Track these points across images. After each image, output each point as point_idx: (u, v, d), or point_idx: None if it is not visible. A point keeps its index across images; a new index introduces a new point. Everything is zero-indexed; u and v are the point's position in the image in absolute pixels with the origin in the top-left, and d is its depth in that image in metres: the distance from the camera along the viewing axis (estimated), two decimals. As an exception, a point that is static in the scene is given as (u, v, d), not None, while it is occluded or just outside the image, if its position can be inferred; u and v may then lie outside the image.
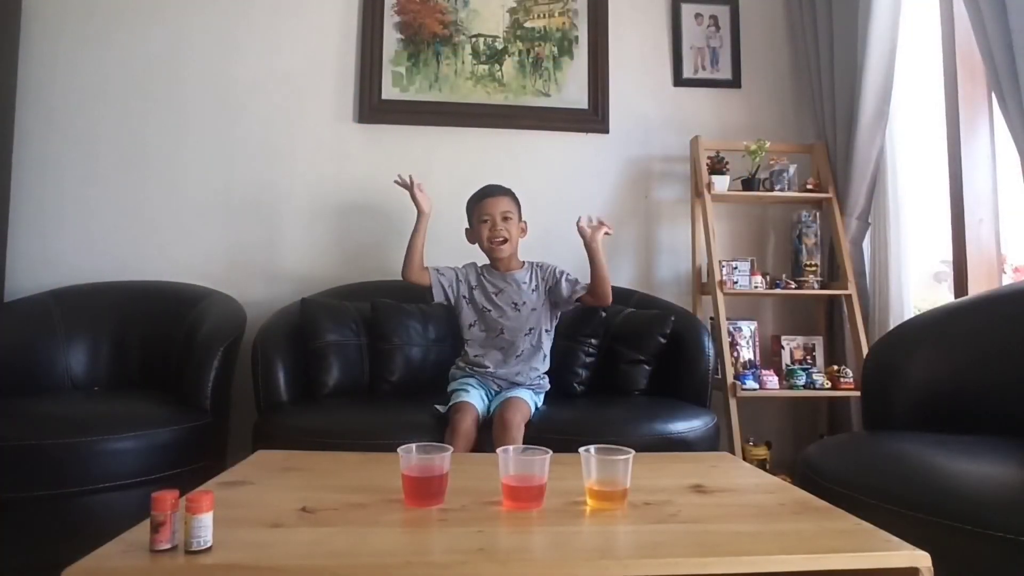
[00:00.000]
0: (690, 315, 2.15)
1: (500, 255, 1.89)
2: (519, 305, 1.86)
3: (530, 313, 1.86)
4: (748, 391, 2.14)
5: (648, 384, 1.97)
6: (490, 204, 1.88)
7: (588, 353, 1.97)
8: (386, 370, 1.97)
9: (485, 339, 1.85)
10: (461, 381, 1.79)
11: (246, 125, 2.44)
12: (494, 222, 1.86)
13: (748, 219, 2.62)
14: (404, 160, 2.47)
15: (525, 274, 1.91)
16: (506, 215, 1.88)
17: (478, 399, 1.69)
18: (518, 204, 1.95)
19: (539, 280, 1.91)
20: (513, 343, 1.82)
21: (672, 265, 2.58)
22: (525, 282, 1.89)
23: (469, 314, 1.90)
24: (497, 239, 1.86)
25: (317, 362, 1.90)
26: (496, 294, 1.89)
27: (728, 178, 2.40)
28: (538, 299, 1.88)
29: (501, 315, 1.86)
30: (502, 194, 1.91)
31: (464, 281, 1.93)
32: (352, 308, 2.04)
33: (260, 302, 2.32)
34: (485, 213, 1.87)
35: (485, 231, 1.87)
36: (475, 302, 1.89)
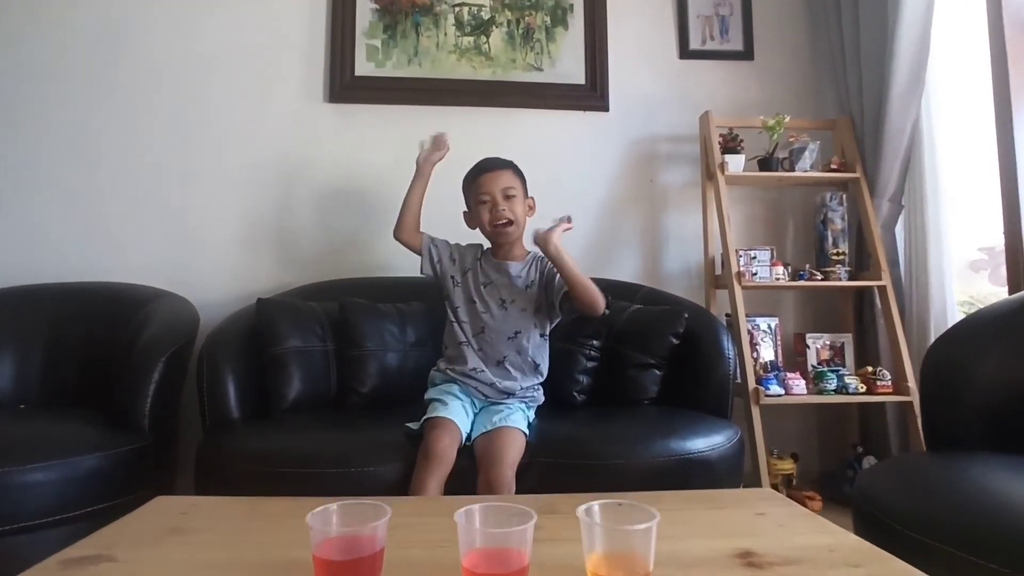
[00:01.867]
0: (705, 311, 1.89)
1: (505, 239, 1.59)
2: (506, 303, 1.59)
3: (519, 314, 1.58)
4: (772, 397, 1.88)
5: (659, 392, 1.71)
6: (489, 180, 1.58)
7: (590, 357, 1.71)
8: (356, 380, 1.70)
9: (468, 331, 1.58)
10: (441, 388, 1.52)
11: (204, 107, 2.17)
12: (495, 201, 1.57)
13: (765, 203, 2.35)
14: (380, 144, 2.22)
15: (522, 267, 1.63)
16: (508, 192, 1.57)
17: (459, 413, 1.41)
18: (523, 178, 1.65)
19: (536, 275, 1.62)
20: (493, 346, 1.55)
21: (682, 256, 2.32)
22: (520, 276, 1.61)
23: (458, 296, 1.63)
24: (500, 221, 1.56)
25: (275, 372, 1.64)
26: (485, 285, 1.61)
27: (743, 157, 2.14)
28: (531, 299, 1.59)
29: (485, 310, 1.58)
30: (503, 167, 1.61)
31: (457, 261, 1.66)
32: (318, 309, 1.78)
33: (219, 303, 2.05)
34: (484, 192, 1.57)
35: (485, 213, 1.57)
36: (466, 286, 1.63)
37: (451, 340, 1.60)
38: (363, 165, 2.21)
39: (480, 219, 1.59)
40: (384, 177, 2.20)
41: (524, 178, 1.66)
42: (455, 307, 1.62)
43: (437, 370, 1.60)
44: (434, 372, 1.60)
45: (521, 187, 1.63)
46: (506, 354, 1.54)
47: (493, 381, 1.51)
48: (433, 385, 1.57)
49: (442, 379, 1.55)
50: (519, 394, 1.51)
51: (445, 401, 1.41)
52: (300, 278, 2.10)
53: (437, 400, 1.44)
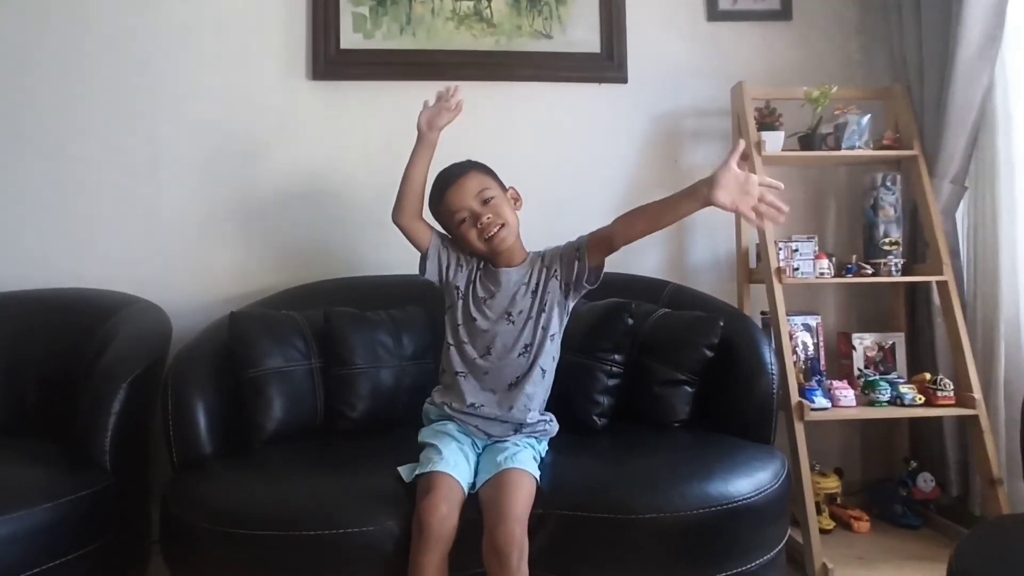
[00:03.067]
0: (742, 316, 1.65)
1: (503, 246, 1.35)
2: (513, 315, 1.35)
3: (529, 325, 1.34)
4: (818, 411, 1.66)
5: (690, 412, 1.50)
6: (455, 195, 1.34)
7: (611, 373, 1.49)
8: (346, 402, 1.50)
9: (470, 355, 1.34)
10: (436, 429, 1.30)
11: (169, 89, 1.93)
12: (474, 213, 1.34)
13: (803, 185, 2.09)
14: (370, 126, 1.97)
15: (522, 272, 1.39)
16: (484, 195, 1.34)
17: (459, 462, 1.19)
18: (492, 173, 1.42)
19: (540, 277, 1.37)
20: (502, 369, 1.32)
21: (710, 246, 2.08)
22: (524, 283, 1.37)
23: (459, 311, 1.38)
24: (490, 232, 1.33)
25: (252, 398, 1.44)
26: (487, 300, 1.37)
27: (783, 134, 1.87)
28: (536, 303, 1.35)
29: (490, 326, 1.35)
30: (464, 172, 1.37)
31: (464, 269, 1.40)
32: (300, 320, 1.57)
33: (193, 309, 1.85)
34: (456, 209, 1.34)
35: (470, 230, 1.34)
36: (466, 301, 1.38)
37: (448, 367, 1.37)
38: (351, 151, 1.97)
39: (468, 240, 1.35)
40: (375, 163, 1.95)
41: (493, 172, 1.42)
42: (456, 325, 1.37)
43: (432, 403, 1.37)
44: (428, 405, 1.38)
45: (495, 183, 1.39)
46: (517, 375, 1.32)
47: (498, 415, 1.29)
48: (428, 421, 1.35)
49: (437, 415, 1.34)
50: (529, 426, 1.30)
51: (440, 448, 1.19)
52: (283, 278, 1.89)
53: (431, 446, 1.22)
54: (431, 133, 1.41)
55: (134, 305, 1.78)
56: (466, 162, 1.41)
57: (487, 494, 1.13)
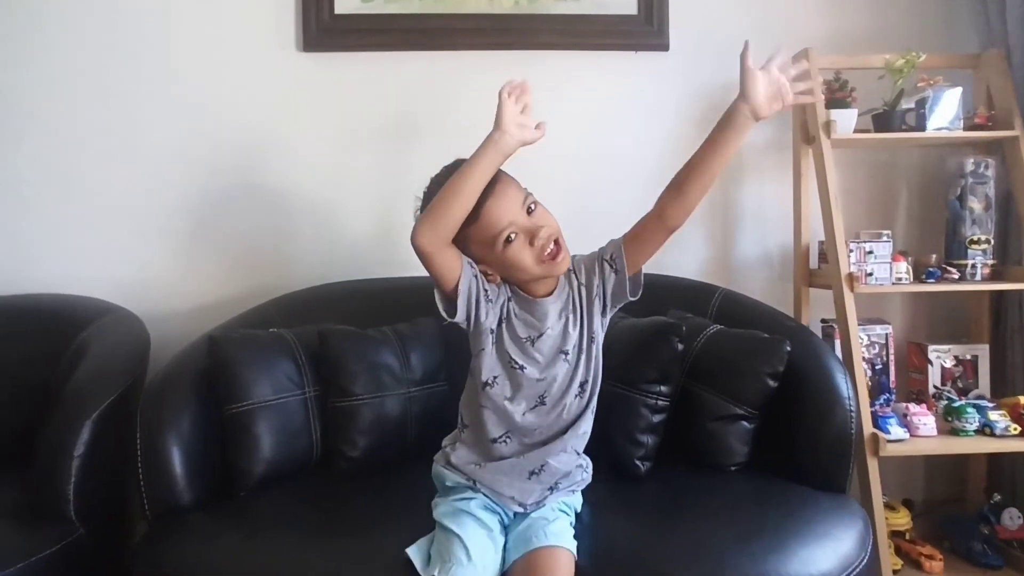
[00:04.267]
0: (808, 334, 1.40)
1: (565, 266, 1.01)
2: (568, 352, 1.04)
3: (578, 359, 1.05)
4: (895, 443, 1.42)
5: (749, 453, 1.27)
6: (499, 206, 0.96)
7: (656, 408, 1.26)
8: (344, 439, 1.29)
9: (514, 414, 1.02)
10: (456, 506, 1.02)
11: (147, 65, 1.68)
12: (527, 228, 0.97)
13: (869, 171, 1.81)
14: (371, 104, 1.72)
15: (562, 296, 1.05)
16: (529, 203, 0.99)
17: (487, 557, 0.95)
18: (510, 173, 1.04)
19: (580, 297, 1.06)
20: (556, 416, 1.04)
21: (759, 241, 1.82)
22: (567, 311, 1.05)
23: (491, 364, 1.02)
24: (550, 246, 0.98)
25: (237, 438, 1.23)
26: (533, 340, 1.02)
27: (856, 112, 1.58)
28: (585, 332, 1.05)
29: (542, 373, 1.02)
30: (498, 182, 0.97)
31: (495, 305, 1.02)
32: (291, 341, 1.35)
33: (176, 316, 1.66)
34: (505, 225, 0.96)
35: (523, 252, 0.98)
36: (504, 345, 1.02)
37: (479, 431, 1.04)
38: (350, 134, 1.72)
39: (519, 264, 0.97)
40: (377, 149, 1.73)
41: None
42: (490, 378, 1.02)
43: (448, 465, 1.07)
44: (444, 469, 1.07)
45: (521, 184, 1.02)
46: (572, 419, 1.05)
47: (539, 468, 1.03)
48: (442, 487, 1.09)
49: (456, 481, 1.06)
50: (567, 478, 1.07)
51: (464, 541, 0.94)
52: (274, 280, 1.67)
53: (452, 534, 0.96)
54: (512, 142, 0.93)
55: (109, 315, 1.57)
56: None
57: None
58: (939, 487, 1.80)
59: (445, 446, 1.10)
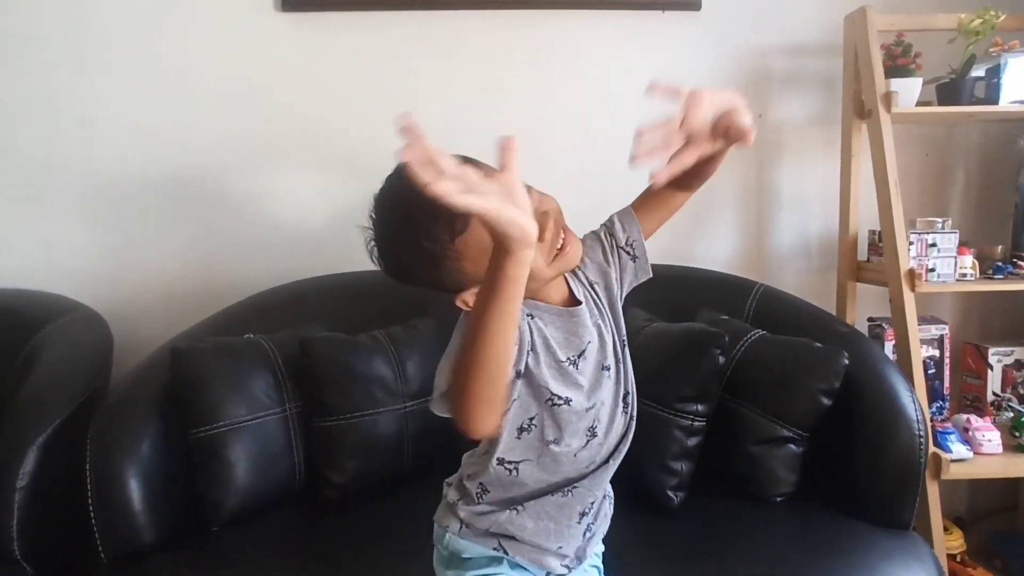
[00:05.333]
0: (864, 341, 1.22)
1: (572, 262, 0.75)
2: (608, 365, 0.79)
3: (618, 367, 0.82)
4: (958, 463, 1.25)
5: (798, 482, 1.10)
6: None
7: (692, 430, 1.09)
8: (332, 464, 1.13)
9: (562, 457, 0.77)
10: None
11: (107, 31, 1.46)
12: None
13: (922, 149, 1.60)
14: (357, 70, 1.51)
15: (585, 301, 0.81)
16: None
17: None
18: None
19: (603, 290, 0.84)
20: (606, 444, 0.81)
21: (799, 229, 1.62)
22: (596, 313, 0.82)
23: (522, 409, 0.75)
24: (558, 239, 0.73)
25: (206, 464, 1.07)
26: (574, 362, 0.76)
27: (920, 81, 1.37)
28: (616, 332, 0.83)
29: (591, 399, 0.77)
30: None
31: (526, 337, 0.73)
32: (268, 350, 1.17)
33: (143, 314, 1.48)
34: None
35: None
36: (536, 382, 0.74)
37: (506, 487, 0.79)
38: (334, 104, 1.51)
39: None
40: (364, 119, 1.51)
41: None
42: (526, 421, 0.76)
43: (468, 529, 0.79)
44: (458, 538, 0.80)
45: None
46: (617, 440, 0.83)
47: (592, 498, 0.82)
48: (453, 559, 0.82)
49: (479, 552, 0.79)
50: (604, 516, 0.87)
51: None
52: (252, 269, 1.49)
53: None
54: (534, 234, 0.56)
55: (69, 315, 1.40)
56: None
57: None
58: (984, 499, 1.64)
59: (454, 502, 0.81)
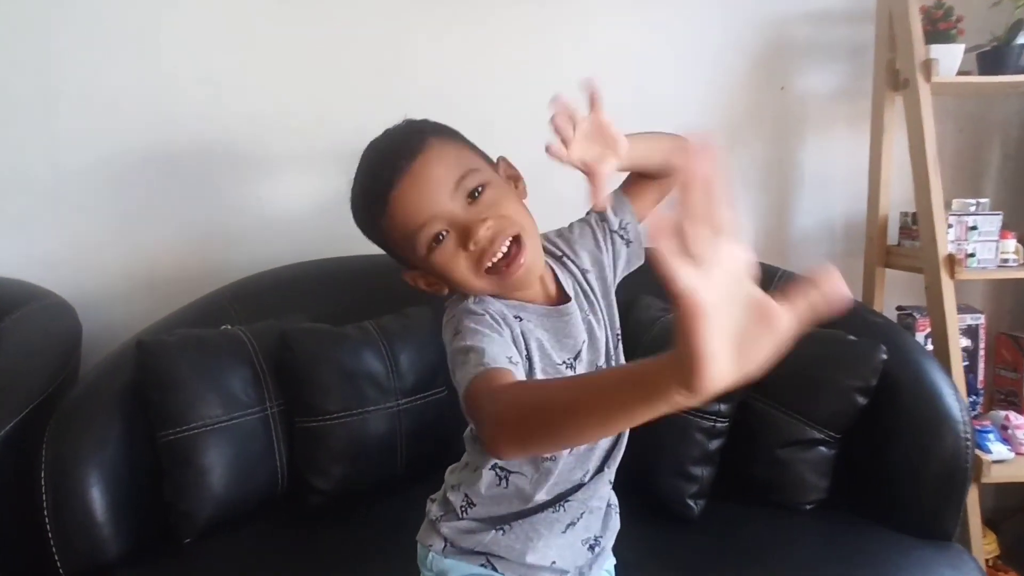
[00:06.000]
0: (904, 336, 1.11)
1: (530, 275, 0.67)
2: (611, 359, 0.75)
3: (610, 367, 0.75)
4: (999, 464, 1.15)
5: (829, 488, 1.01)
6: (412, 197, 0.64)
7: (714, 432, 0.99)
8: (316, 468, 1.03)
9: (550, 465, 0.70)
10: None
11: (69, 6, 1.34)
12: (460, 224, 0.64)
13: (956, 124, 1.49)
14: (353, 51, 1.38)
15: (576, 297, 0.73)
16: (468, 183, 0.64)
17: None
18: (464, 139, 0.71)
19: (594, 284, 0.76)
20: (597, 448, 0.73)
21: (822, 210, 1.52)
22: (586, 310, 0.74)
23: None
24: (497, 252, 0.64)
25: (176, 471, 0.97)
26: (570, 364, 0.70)
27: (962, 48, 1.25)
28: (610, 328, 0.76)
29: None
30: (416, 151, 0.64)
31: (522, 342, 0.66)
32: (247, 343, 1.06)
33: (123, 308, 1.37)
34: (421, 223, 0.64)
35: (456, 259, 0.64)
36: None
37: (494, 500, 0.72)
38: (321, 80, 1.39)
39: (454, 275, 0.65)
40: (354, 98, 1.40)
41: (461, 135, 0.71)
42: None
43: (452, 548, 0.73)
44: (438, 557, 0.73)
45: (475, 157, 0.69)
46: (611, 443, 0.75)
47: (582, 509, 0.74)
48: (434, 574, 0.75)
49: (459, 565, 0.73)
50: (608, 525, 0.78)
51: None
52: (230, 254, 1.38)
53: None
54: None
55: (34, 303, 1.28)
56: (412, 125, 0.69)
57: None
58: (1010, 497, 1.55)
59: (436, 518, 0.74)
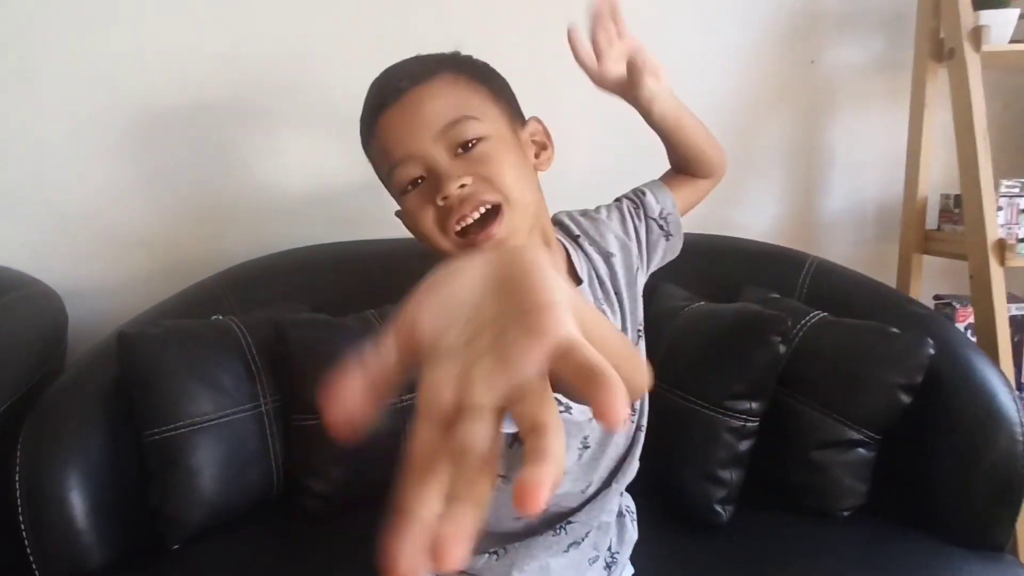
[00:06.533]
0: (950, 329, 1.02)
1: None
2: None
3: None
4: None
5: (869, 493, 0.93)
6: (398, 126, 0.58)
7: (744, 432, 0.91)
8: (312, 469, 0.96)
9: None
10: None
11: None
12: (434, 171, 0.57)
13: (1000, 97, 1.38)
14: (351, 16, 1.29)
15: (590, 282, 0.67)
16: (459, 133, 0.57)
17: None
18: (486, 78, 0.63)
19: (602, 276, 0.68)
20: (602, 456, 0.67)
21: (854, 192, 1.42)
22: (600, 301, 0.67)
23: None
24: (466, 213, 0.57)
25: (163, 472, 0.90)
26: None
27: (1017, 13, 1.15)
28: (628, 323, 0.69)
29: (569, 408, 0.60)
30: (421, 78, 0.58)
31: None
32: (239, 334, 0.99)
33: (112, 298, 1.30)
34: (398, 158, 0.58)
35: (423, 210, 0.59)
36: None
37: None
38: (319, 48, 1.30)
39: (419, 222, 0.60)
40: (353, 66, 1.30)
41: (491, 78, 0.64)
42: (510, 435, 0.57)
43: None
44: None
45: (489, 106, 0.61)
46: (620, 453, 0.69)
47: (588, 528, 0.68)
48: None
49: None
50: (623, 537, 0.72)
51: None
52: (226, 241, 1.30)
53: None
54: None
55: (17, 291, 1.21)
56: (439, 55, 0.63)
57: None
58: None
59: None
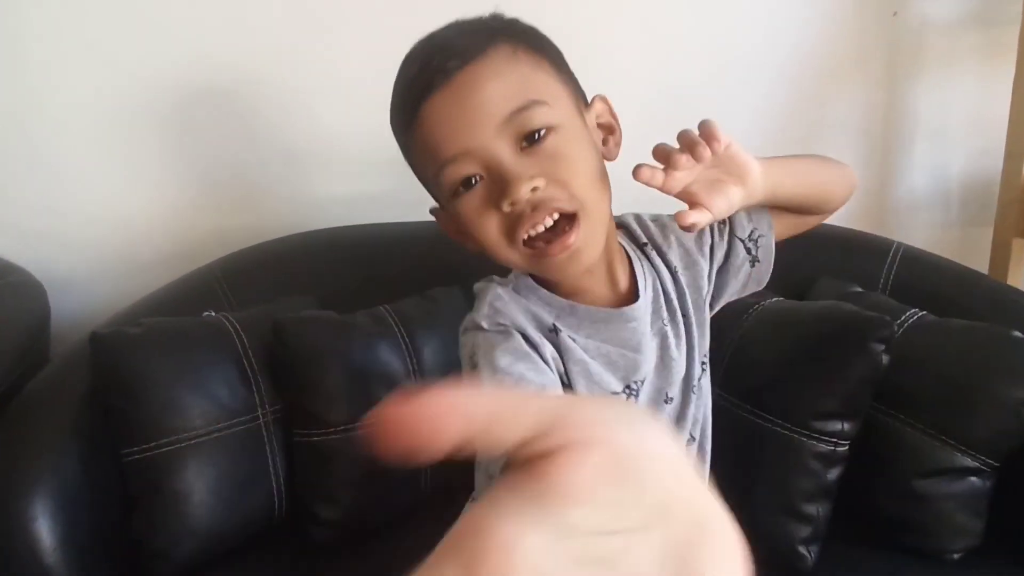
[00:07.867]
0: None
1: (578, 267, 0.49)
2: (669, 391, 0.55)
3: (685, 393, 0.56)
4: None
5: (985, 532, 0.77)
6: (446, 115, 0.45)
7: (833, 459, 0.75)
8: (320, 491, 0.82)
9: None
10: None
11: None
12: (498, 172, 0.45)
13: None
14: None
15: (647, 293, 0.54)
16: (527, 120, 0.45)
17: None
18: (548, 53, 0.49)
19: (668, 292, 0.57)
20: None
21: (938, 165, 1.25)
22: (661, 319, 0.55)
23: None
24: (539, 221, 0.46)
25: (144, 498, 0.77)
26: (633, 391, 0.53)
27: None
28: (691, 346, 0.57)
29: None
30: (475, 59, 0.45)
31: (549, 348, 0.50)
32: (234, 333, 0.85)
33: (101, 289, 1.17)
34: (451, 155, 0.46)
35: (486, 216, 0.47)
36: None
37: None
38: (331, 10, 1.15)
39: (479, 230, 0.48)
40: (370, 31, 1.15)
41: (547, 48, 0.50)
42: None
43: None
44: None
45: (555, 85, 0.48)
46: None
47: None
48: None
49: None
50: None
51: None
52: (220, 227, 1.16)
53: None
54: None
55: (0, 280, 1.10)
56: (487, 21, 0.50)
57: None
58: None
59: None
